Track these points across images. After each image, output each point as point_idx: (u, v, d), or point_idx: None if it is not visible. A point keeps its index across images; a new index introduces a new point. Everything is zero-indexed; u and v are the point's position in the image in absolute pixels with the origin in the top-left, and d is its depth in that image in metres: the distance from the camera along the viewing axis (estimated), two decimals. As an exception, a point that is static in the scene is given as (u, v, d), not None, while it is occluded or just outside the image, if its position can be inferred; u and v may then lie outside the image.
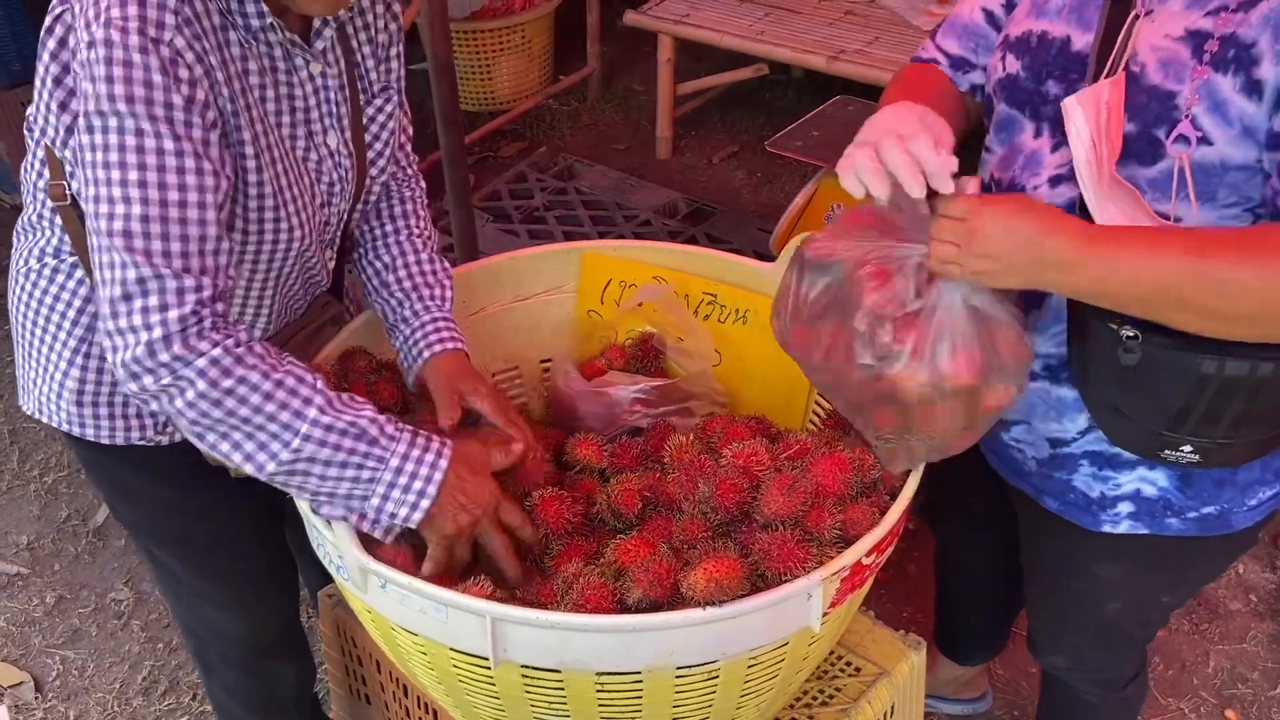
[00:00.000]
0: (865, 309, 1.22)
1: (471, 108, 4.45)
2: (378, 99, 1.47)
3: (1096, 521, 1.47)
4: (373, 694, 1.73)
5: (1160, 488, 1.41)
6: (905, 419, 1.24)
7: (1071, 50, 1.29)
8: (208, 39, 1.20)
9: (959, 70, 1.48)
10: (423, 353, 1.48)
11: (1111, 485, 1.43)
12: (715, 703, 1.27)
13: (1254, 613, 2.55)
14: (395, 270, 1.55)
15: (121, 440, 1.47)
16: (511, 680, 1.22)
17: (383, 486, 1.23)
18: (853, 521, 1.28)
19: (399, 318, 1.53)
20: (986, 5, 1.44)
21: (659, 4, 4.07)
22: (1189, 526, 1.42)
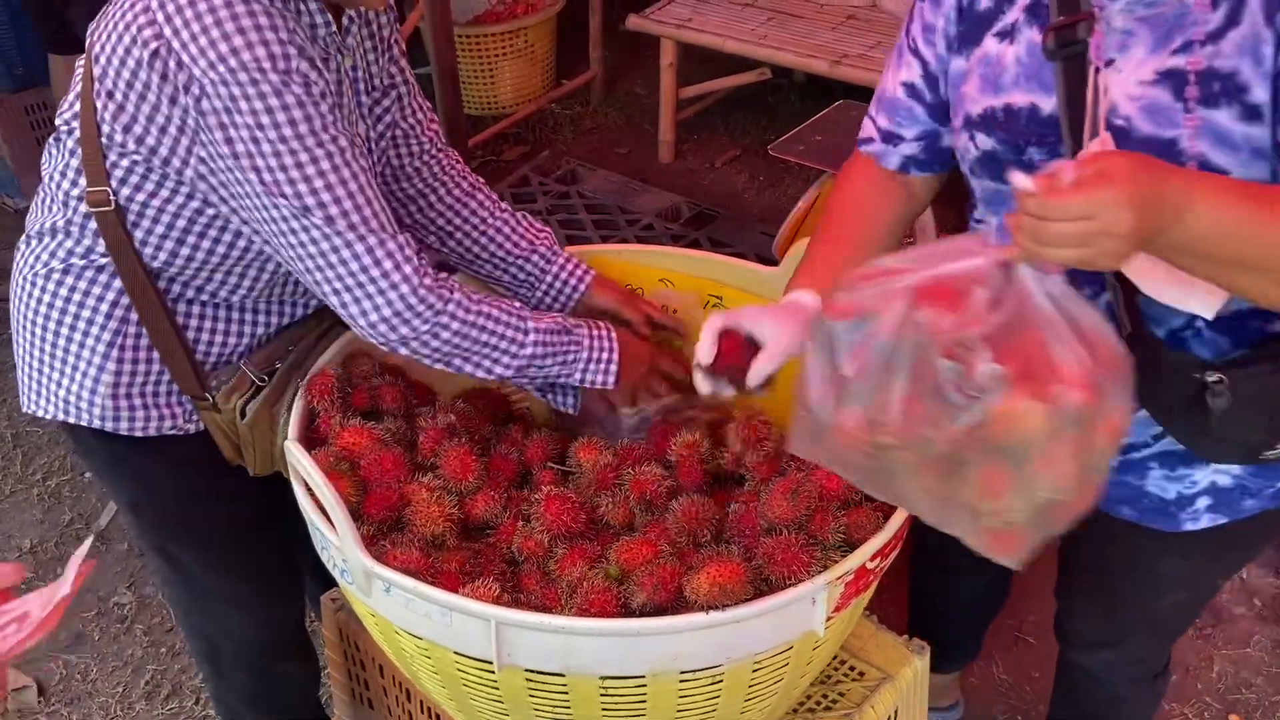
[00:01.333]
0: (945, 338, 1.01)
1: (474, 112, 4.45)
2: (375, 93, 1.52)
3: (1176, 523, 1.43)
4: (376, 698, 1.73)
5: (1234, 475, 1.38)
6: (1021, 473, 1.02)
7: (1042, 116, 1.26)
8: (312, 54, 1.29)
9: (889, 143, 1.46)
10: (578, 287, 1.67)
11: (1188, 484, 1.40)
12: (719, 707, 1.27)
13: (1258, 617, 2.54)
14: (508, 241, 1.68)
15: (154, 430, 1.51)
16: (515, 684, 1.22)
17: (582, 363, 1.50)
18: (857, 525, 1.28)
19: (529, 276, 1.68)
20: (905, 79, 1.41)
21: (661, 8, 4.07)
22: (1265, 502, 1.41)
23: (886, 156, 1.47)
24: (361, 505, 1.38)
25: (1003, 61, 1.28)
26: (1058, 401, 0.98)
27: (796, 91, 4.62)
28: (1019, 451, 1.00)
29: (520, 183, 3.92)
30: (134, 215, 1.37)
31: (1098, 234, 0.96)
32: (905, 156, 1.46)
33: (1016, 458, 1.00)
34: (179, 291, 1.45)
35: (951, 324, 1.00)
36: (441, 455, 1.44)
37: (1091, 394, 0.99)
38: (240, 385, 1.49)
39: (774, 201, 4.03)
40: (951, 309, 0.99)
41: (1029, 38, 1.26)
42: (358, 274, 1.31)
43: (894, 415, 1.03)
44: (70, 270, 1.44)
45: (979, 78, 1.31)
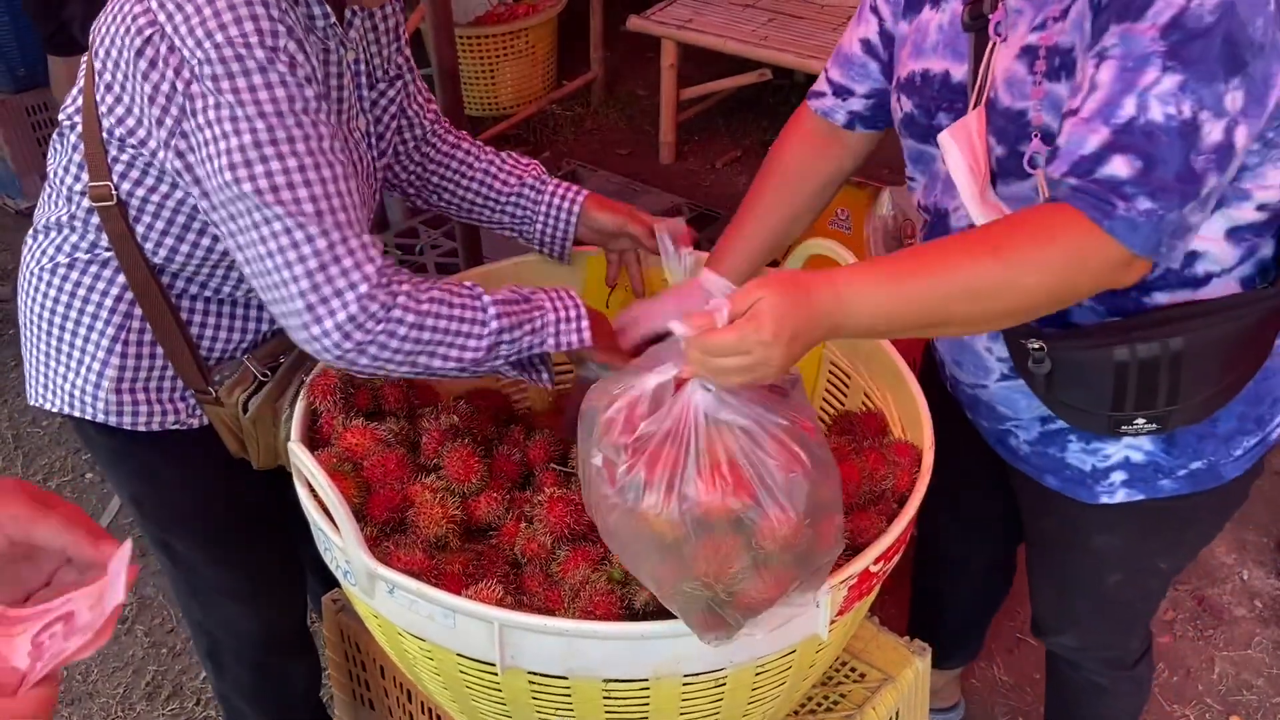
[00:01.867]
0: (600, 442, 1.10)
1: (475, 113, 4.45)
2: (380, 84, 1.53)
3: (1093, 494, 1.48)
4: (377, 699, 1.73)
5: (1146, 451, 1.42)
6: (679, 565, 1.07)
7: (952, 83, 1.34)
8: (306, 43, 1.29)
9: (840, 97, 1.52)
10: (572, 209, 1.63)
11: (1101, 457, 1.45)
12: (722, 710, 1.27)
13: (1259, 619, 2.54)
14: (495, 180, 1.66)
15: (158, 425, 1.52)
16: (518, 687, 1.22)
17: (552, 325, 1.40)
18: (860, 529, 1.28)
19: (522, 211, 1.66)
20: (863, 35, 1.47)
21: (662, 9, 4.07)
22: (1181, 485, 1.44)
23: (834, 112, 1.54)
24: (365, 506, 1.38)
25: (928, 28, 1.36)
26: (692, 511, 1.06)
27: (797, 92, 4.62)
28: (671, 546, 1.07)
29: (521, 183, 3.92)
30: (136, 210, 1.38)
31: (755, 365, 1.06)
32: (852, 113, 1.53)
33: (670, 550, 1.07)
34: (182, 287, 1.45)
35: (611, 429, 1.09)
36: (444, 456, 1.44)
37: (731, 502, 1.06)
38: (243, 380, 1.49)
39: (775, 202, 4.03)
40: (618, 416, 1.09)
41: (953, 8, 1.33)
42: (315, 272, 1.23)
43: (601, 510, 1.13)
44: (75, 265, 1.45)
45: (911, 43, 1.39)
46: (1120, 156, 1.08)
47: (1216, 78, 1.05)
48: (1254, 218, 1.25)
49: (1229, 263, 1.27)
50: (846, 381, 1.60)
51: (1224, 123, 1.07)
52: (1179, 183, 1.07)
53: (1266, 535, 2.73)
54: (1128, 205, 1.08)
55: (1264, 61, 1.06)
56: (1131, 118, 1.07)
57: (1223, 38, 1.05)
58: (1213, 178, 1.09)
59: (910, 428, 1.43)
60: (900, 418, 1.47)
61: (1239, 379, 1.31)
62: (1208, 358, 1.26)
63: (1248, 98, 1.07)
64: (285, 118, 1.22)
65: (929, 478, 1.31)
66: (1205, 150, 1.07)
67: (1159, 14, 1.07)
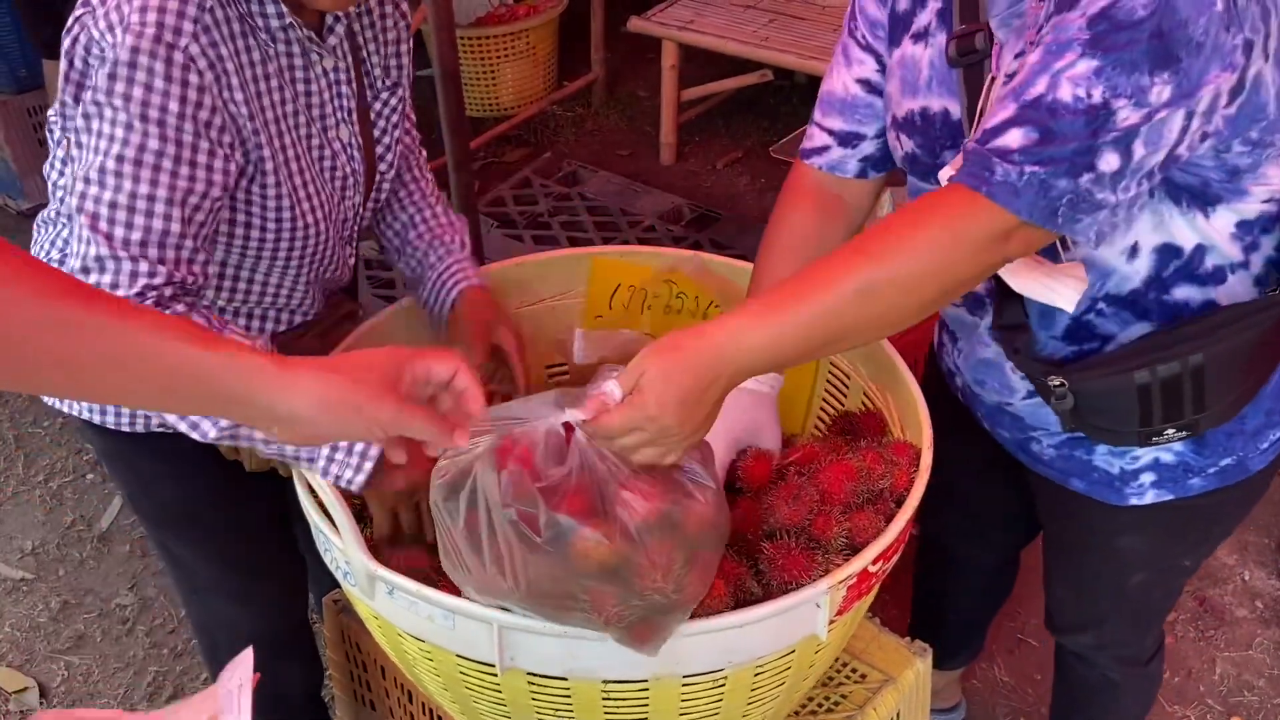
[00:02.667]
0: (510, 499, 1.07)
1: (476, 114, 4.45)
2: (384, 93, 1.51)
3: (1122, 496, 1.47)
4: (377, 700, 1.73)
5: (1176, 452, 1.42)
6: (624, 584, 1.08)
7: (952, 120, 1.30)
8: (226, 45, 1.26)
9: (848, 146, 1.45)
10: (450, 292, 1.56)
11: (1130, 459, 1.44)
12: (722, 711, 1.27)
13: (1260, 619, 2.54)
14: (415, 227, 1.64)
15: (142, 428, 1.50)
16: (518, 688, 1.22)
17: (326, 448, 1.26)
18: (859, 529, 1.27)
19: (423, 268, 1.61)
20: (860, 76, 1.41)
21: (663, 10, 4.07)
22: (1210, 481, 1.44)
23: (845, 163, 1.46)
24: (365, 508, 1.38)
25: (919, 64, 1.31)
26: (622, 525, 1.06)
27: (798, 93, 4.62)
28: (612, 571, 1.07)
29: (521, 184, 3.92)
30: None
31: (655, 438, 1.06)
32: (864, 159, 1.46)
33: (611, 576, 1.07)
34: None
35: (527, 479, 1.06)
36: None
37: (655, 508, 1.07)
38: None
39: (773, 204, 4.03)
40: (527, 465, 1.07)
41: (939, 42, 1.28)
42: (76, 272, 1.22)
43: (508, 574, 1.09)
44: (65, 261, 1.44)
45: (899, 79, 1.34)
46: (1018, 129, 1.08)
47: (1139, 69, 1.05)
48: (1261, 210, 1.25)
49: (1238, 258, 1.27)
50: (846, 381, 1.60)
51: (1143, 111, 1.06)
52: (1076, 155, 1.07)
53: (1268, 536, 2.73)
54: (1009, 169, 1.07)
55: (1200, 60, 1.05)
56: (1040, 95, 1.07)
57: (1152, 31, 1.04)
58: (1113, 156, 1.07)
59: (909, 427, 1.43)
60: (899, 417, 1.47)
61: (1263, 376, 1.33)
62: (1229, 366, 1.26)
63: (1176, 92, 1.06)
64: (132, 116, 1.19)
65: (927, 477, 1.31)
66: (1113, 130, 1.06)
67: (1089, 5, 1.07)
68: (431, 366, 0.98)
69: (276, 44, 1.33)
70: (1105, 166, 1.08)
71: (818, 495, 1.30)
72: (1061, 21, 1.09)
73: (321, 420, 0.93)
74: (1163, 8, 1.04)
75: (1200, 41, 1.05)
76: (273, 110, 1.34)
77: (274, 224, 1.37)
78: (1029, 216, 1.08)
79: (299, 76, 1.37)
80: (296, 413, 0.92)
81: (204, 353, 0.88)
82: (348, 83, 1.44)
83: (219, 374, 0.89)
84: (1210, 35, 1.05)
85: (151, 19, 1.19)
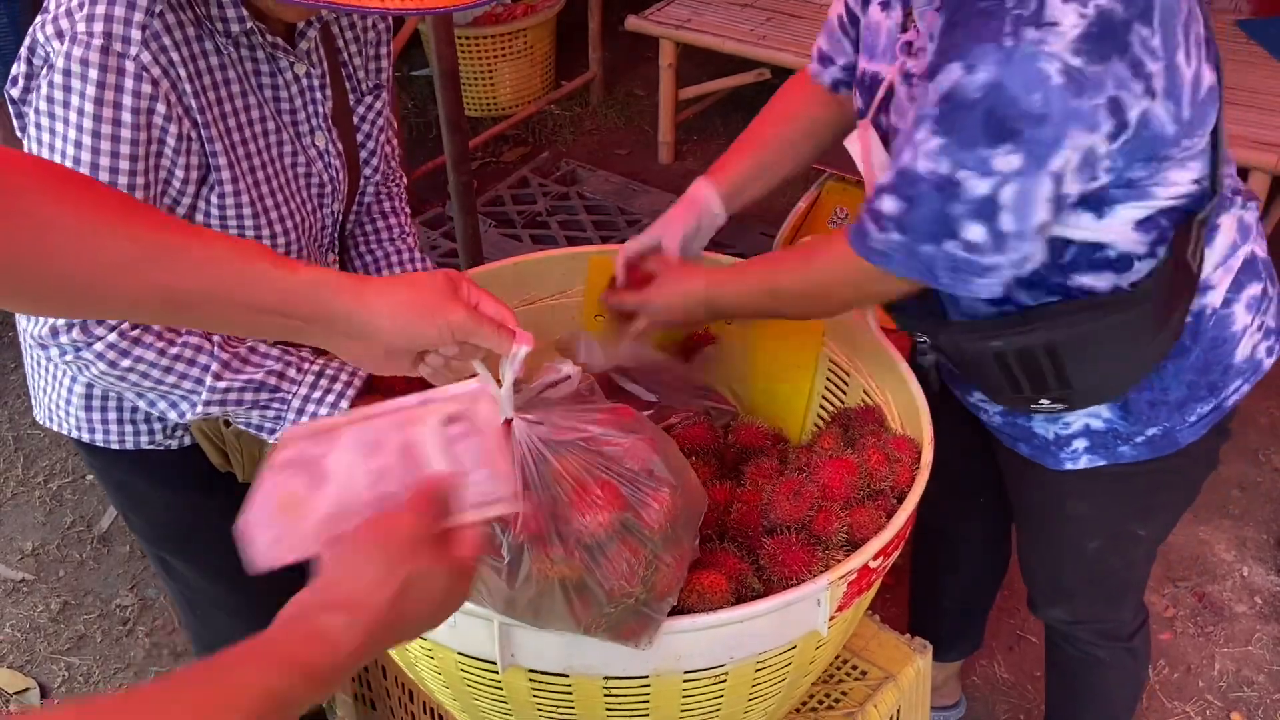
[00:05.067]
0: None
1: (474, 113, 4.45)
2: (367, 97, 1.49)
3: (1059, 461, 1.55)
4: (378, 699, 1.74)
5: (1105, 419, 1.49)
6: (592, 594, 1.09)
7: (890, 87, 1.41)
8: (179, 50, 1.22)
9: (824, 64, 1.62)
10: None
11: (1062, 425, 1.51)
12: (723, 707, 1.27)
13: (1259, 615, 2.54)
14: (388, 269, 1.61)
15: (131, 445, 1.48)
16: (519, 685, 1.22)
17: (293, 413, 1.33)
18: (859, 525, 1.28)
19: None
20: (839, 11, 1.56)
21: (660, 9, 4.07)
22: (1140, 451, 1.51)
23: (821, 75, 1.63)
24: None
25: (879, 30, 1.42)
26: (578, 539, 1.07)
27: (796, 92, 4.62)
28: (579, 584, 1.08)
29: (520, 184, 3.92)
30: None
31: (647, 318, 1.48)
32: (835, 79, 1.61)
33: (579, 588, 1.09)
34: None
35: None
36: None
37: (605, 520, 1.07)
38: None
39: (773, 202, 4.02)
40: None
41: (897, 15, 1.39)
42: None
43: None
44: None
45: (864, 42, 1.46)
46: (890, 196, 1.25)
47: (978, 144, 1.17)
48: (1163, 206, 1.31)
49: (1141, 250, 1.33)
50: (845, 379, 1.60)
51: (991, 180, 1.18)
52: (933, 224, 1.22)
53: (1266, 532, 2.73)
54: (879, 235, 1.26)
55: (1047, 128, 1.15)
56: (906, 165, 1.22)
57: (986, 110, 1.16)
58: (975, 225, 1.20)
59: (909, 424, 1.43)
60: (900, 414, 1.47)
61: (1143, 360, 1.40)
62: (1084, 349, 1.35)
63: (1026, 159, 1.16)
64: (73, 126, 1.18)
65: (928, 473, 1.32)
66: (965, 201, 1.19)
67: (940, 84, 1.19)
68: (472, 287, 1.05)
69: (239, 49, 1.29)
70: (972, 236, 1.21)
71: (818, 491, 1.30)
72: (926, 91, 1.22)
73: (398, 329, 0.99)
74: (992, 90, 1.15)
75: (1041, 114, 1.15)
76: (234, 117, 1.30)
77: (236, 233, 1.33)
78: (906, 274, 1.27)
79: (265, 83, 1.34)
80: (376, 323, 0.98)
81: (290, 275, 0.94)
82: (323, 88, 1.40)
83: (305, 293, 0.95)
84: (1053, 106, 1.15)
85: (99, 29, 1.16)
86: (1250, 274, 1.46)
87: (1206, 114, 1.29)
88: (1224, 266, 1.43)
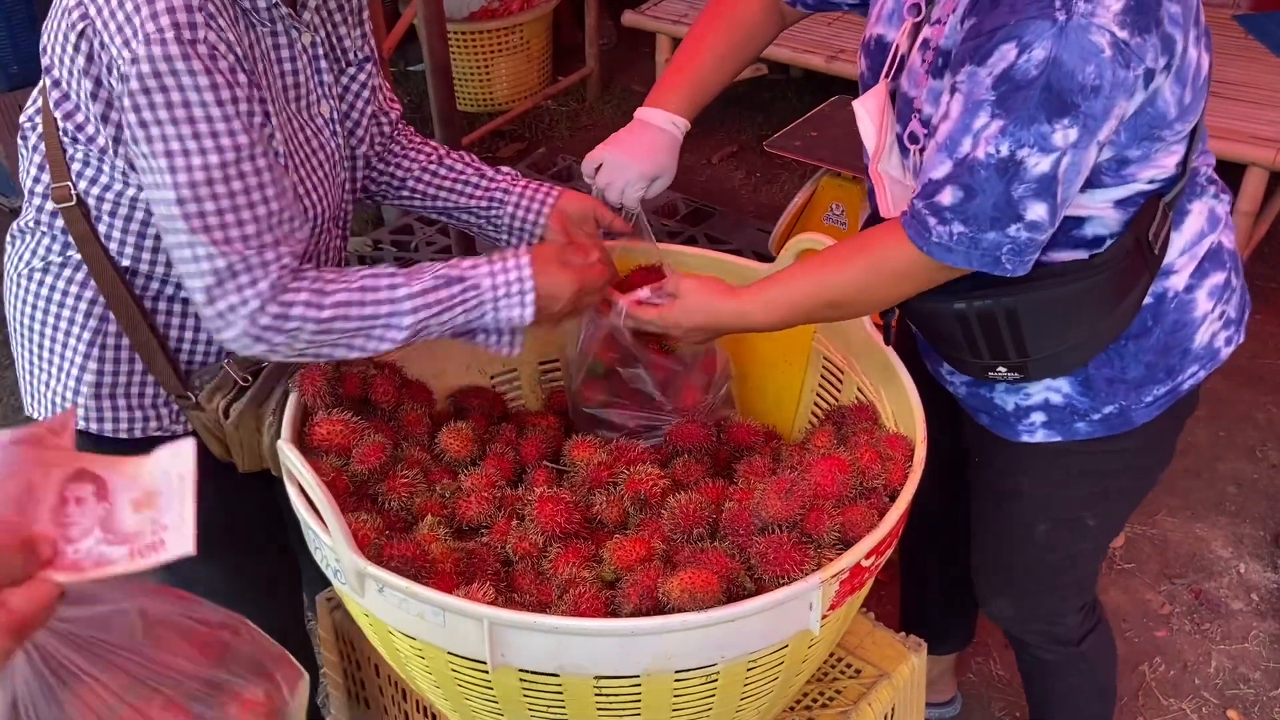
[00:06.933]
0: None
1: (470, 109, 4.45)
2: (351, 68, 1.51)
3: (1015, 432, 1.56)
4: (372, 698, 1.73)
5: (1064, 394, 1.50)
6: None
7: (902, 54, 1.42)
8: (229, 31, 1.25)
9: None
10: (543, 207, 1.62)
11: (1023, 396, 1.52)
12: (714, 706, 1.26)
13: (1255, 612, 2.54)
14: (465, 182, 1.65)
15: (140, 432, 1.49)
16: (509, 684, 1.22)
17: (490, 305, 1.38)
18: (851, 523, 1.27)
19: (493, 204, 1.63)
20: None
21: (657, 4, 4.06)
22: (1095, 428, 1.52)
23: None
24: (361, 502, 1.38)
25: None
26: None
27: (793, 87, 4.62)
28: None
29: (516, 180, 3.91)
30: (95, 209, 1.36)
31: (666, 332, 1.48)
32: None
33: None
34: (157, 289, 1.43)
35: None
36: (441, 435, 1.50)
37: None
38: (224, 385, 1.46)
39: (770, 198, 4.02)
40: None
41: None
42: (212, 288, 1.27)
43: None
44: (49, 269, 1.43)
45: (872, 6, 1.50)
46: (949, 187, 1.25)
47: (1038, 120, 1.19)
48: (1144, 189, 1.34)
49: (1116, 227, 1.36)
50: (839, 377, 1.59)
51: (1052, 156, 1.20)
52: (996, 210, 1.23)
53: (1263, 529, 2.73)
54: (939, 228, 1.26)
55: (1100, 100, 1.19)
56: (966, 154, 1.23)
57: (1043, 87, 1.18)
58: (1037, 203, 1.23)
59: (903, 422, 1.43)
60: (893, 412, 1.47)
61: (1099, 334, 1.41)
62: (1043, 316, 1.37)
63: (1082, 131, 1.19)
64: (197, 123, 1.21)
65: (921, 471, 1.31)
66: (1027, 181, 1.22)
67: (994, 66, 1.20)
68: None
69: (262, 25, 1.33)
70: (1034, 215, 1.24)
71: (811, 490, 1.29)
72: (974, 75, 1.22)
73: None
74: (1050, 65, 1.17)
75: (1095, 85, 1.18)
76: (269, 90, 1.34)
77: None
78: (968, 265, 1.28)
79: (284, 55, 1.37)
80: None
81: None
82: (325, 57, 1.44)
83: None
84: (1105, 78, 1.18)
85: (166, 22, 1.18)
86: (1215, 263, 1.47)
87: (1200, 100, 1.32)
88: (1189, 253, 1.44)
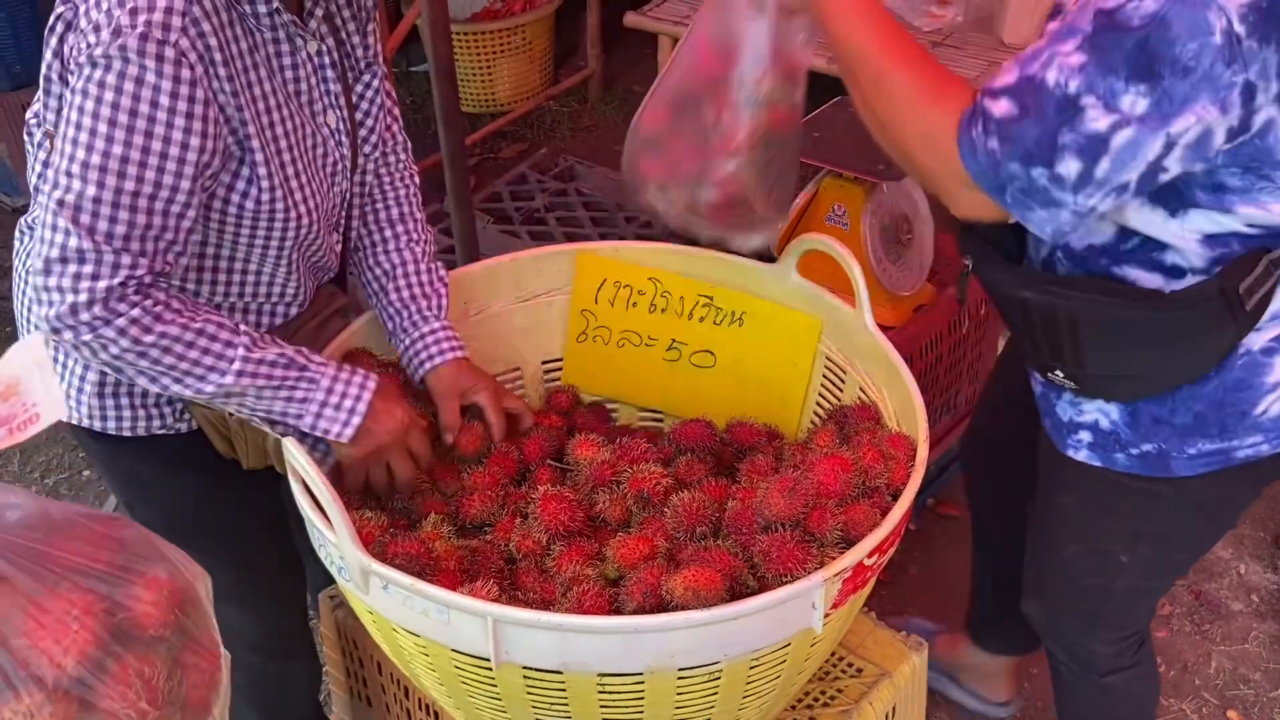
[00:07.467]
0: None
1: (472, 109, 4.45)
2: (365, 74, 1.50)
3: (1065, 445, 1.54)
4: (374, 696, 1.73)
5: (1112, 420, 1.47)
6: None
7: None
8: (215, 36, 1.24)
9: None
10: (424, 364, 1.54)
11: (1078, 411, 1.51)
12: (717, 704, 1.27)
13: (1255, 613, 2.54)
14: (394, 279, 1.58)
15: (143, 430, 1.49)
16: (513, 681, 1.22)
17: (315, 405, 1.34)
18: (854, 522, 1.28)
19: (398, 326, 1.57)
20: None
21: (659, 6, 4.06)
22: (1133, 464, 1.48)
23: None
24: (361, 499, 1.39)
25: None
26: None
27: (794, 88, 4.61)
28: None
29: (518, 180, 3.91)
30: None
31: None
32: None
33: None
34: None
35: None
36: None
37: None
38: None
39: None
40: None
41: None
42: (51, 261, 1.21)
43: None
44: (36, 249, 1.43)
45: None
46: (1008, 99, 1.19)
47: (1116, 73, 1.12)
48: (1240, 230, 1.26)
49: (1199, 264, 1.30)
50: (842, 376, 1.60)
51: (1112, 118, 1.13)
52: (1036, 144, 1.17)
53: (1263, 530, 2.73)
54: (979, 134, 1.20)
55: (1185, 84, 1.10)
56: (1034, 72, 1.17)
57: (1138, 42, 1.10)
58: (1073, 160, 1.16)
59: (905, 422, 1.43)
60: (895, 412, 1.47)
61: (1161, 373, 1.37)
62: (1103, 332, 1.34)
63: (1151, 107, 1.12)
64: (120, 111, 1.19)
65: (924, 471, 1.32)
66: (1079, 132, 1.15)
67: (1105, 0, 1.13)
68: None
69: (263, 31, 1.32)
70: (1064, 170, 1.17)
71: (813, 489, 1.30)
72: (1085, 5, 1.15)
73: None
74: (1156, 23, 1.09)
75: (1188, 65, 1.10)
76: (263, 100, 1.33)
77: (266, 214, 1.36)
78: (976, 179, 1.22)
79: (286, 63, 1.36)
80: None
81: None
82: (332, 65, 1.43)
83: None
84: (1201, 63, 1.09)
85: (141, 20, 1.18)
86: None
87: None
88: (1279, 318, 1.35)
